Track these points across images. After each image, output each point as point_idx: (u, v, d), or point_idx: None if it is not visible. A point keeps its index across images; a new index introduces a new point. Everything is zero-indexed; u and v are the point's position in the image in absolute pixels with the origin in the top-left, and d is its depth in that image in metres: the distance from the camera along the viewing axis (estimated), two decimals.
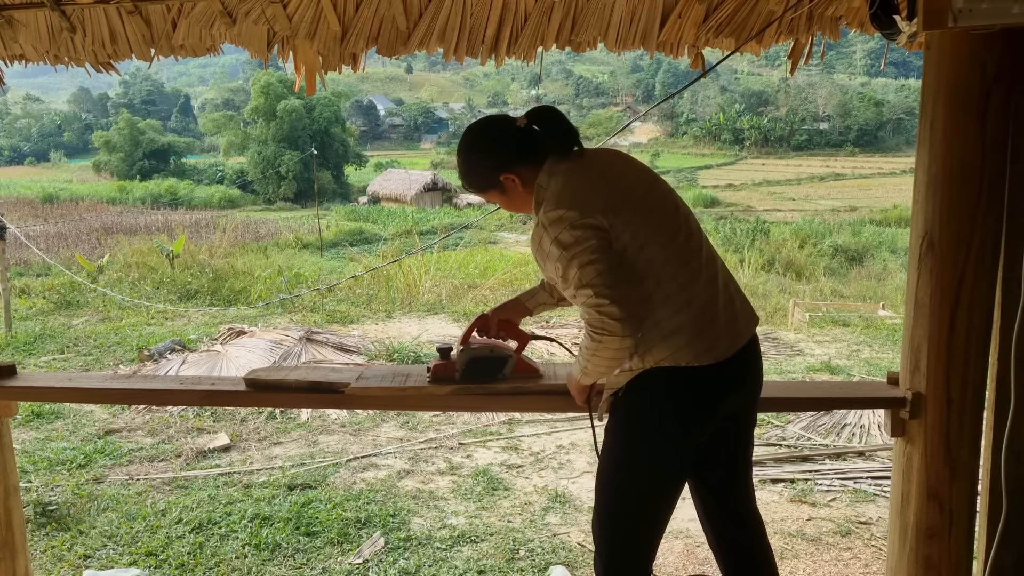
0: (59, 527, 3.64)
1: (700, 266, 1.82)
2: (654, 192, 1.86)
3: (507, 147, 1.89)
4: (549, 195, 1.82)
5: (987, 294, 1.93)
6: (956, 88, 1.87)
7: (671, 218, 1.83)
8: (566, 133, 1.87)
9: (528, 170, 1.88)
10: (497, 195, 1.95)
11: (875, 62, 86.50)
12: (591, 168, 1.86)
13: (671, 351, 1.77)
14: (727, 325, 1.83)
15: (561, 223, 1.74)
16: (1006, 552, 1.95)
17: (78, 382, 2.70)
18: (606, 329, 1.72)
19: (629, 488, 1.90)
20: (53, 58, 2.79)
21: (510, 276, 13.40)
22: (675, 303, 1.77)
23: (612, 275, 1.72)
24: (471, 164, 1.95)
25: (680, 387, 1.80)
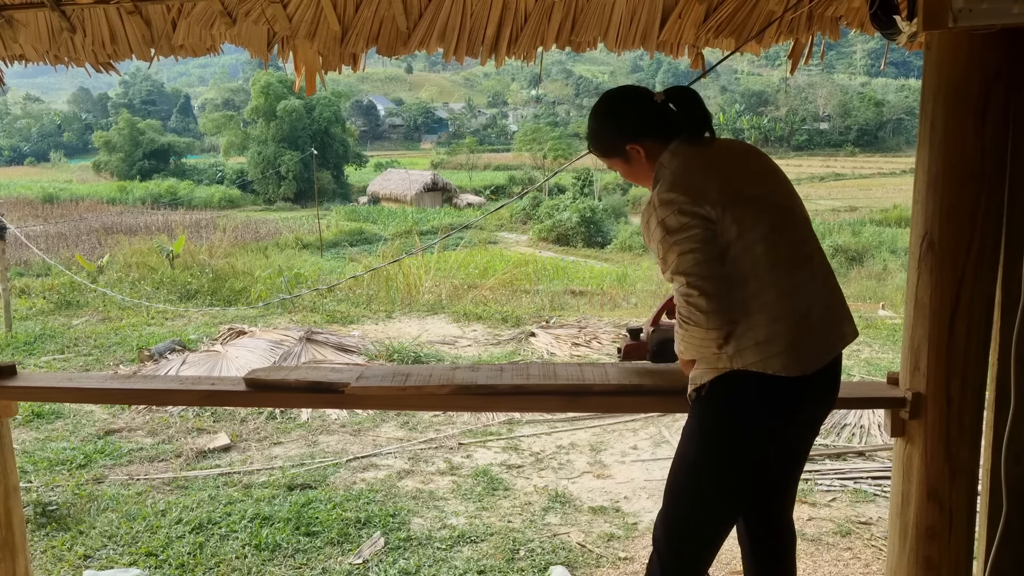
0: (59, 527, 3.64)
1: (806, 275, 1.81)
2: (774, 193, 1.85)
3: (640, 117, 1.89)
4: (667, 175, 1.81)
5: (987, 294, 1.93)
6: (956, 88, 1.87)
7: (785, 222, 1.82)
8: (701, 117, 1.87)
9: (655, 145, 1.87)
10: (620, 163, 1.96)
11: (875, 62, 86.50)
12: (715, 158, 1.85)
13: (762, 357, 1.76)
14: (821, 339, 1.82)
15: (671, 206, 1.74)
16: (1006, 552, 1.95)
17: (78, 382, 2.70)
18: (691, 319, 1.73)
19: (703, 493, 1.89)
20: (53, 58, 2.79)
21: (510, 276, 13.42)
22: (774, 311, 1.76)
23: (709, 267, 1.72)
24: (602, 127, 1.96)
25: (764, 393, 1.79)
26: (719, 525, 1.92)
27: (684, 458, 1.92)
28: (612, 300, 12.03)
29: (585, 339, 7.50)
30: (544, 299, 11.39)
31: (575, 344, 7.34)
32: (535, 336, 7.65)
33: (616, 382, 2.23)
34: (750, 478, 1.89)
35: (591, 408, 2.95)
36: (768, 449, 1.87)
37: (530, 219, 29.42)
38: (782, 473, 2.01)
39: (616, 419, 5.01)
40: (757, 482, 1.93)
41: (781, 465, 1.98)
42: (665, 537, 1.94)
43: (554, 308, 10.35)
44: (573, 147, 42.80)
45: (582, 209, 26.38)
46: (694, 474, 1.90)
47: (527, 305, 10.47)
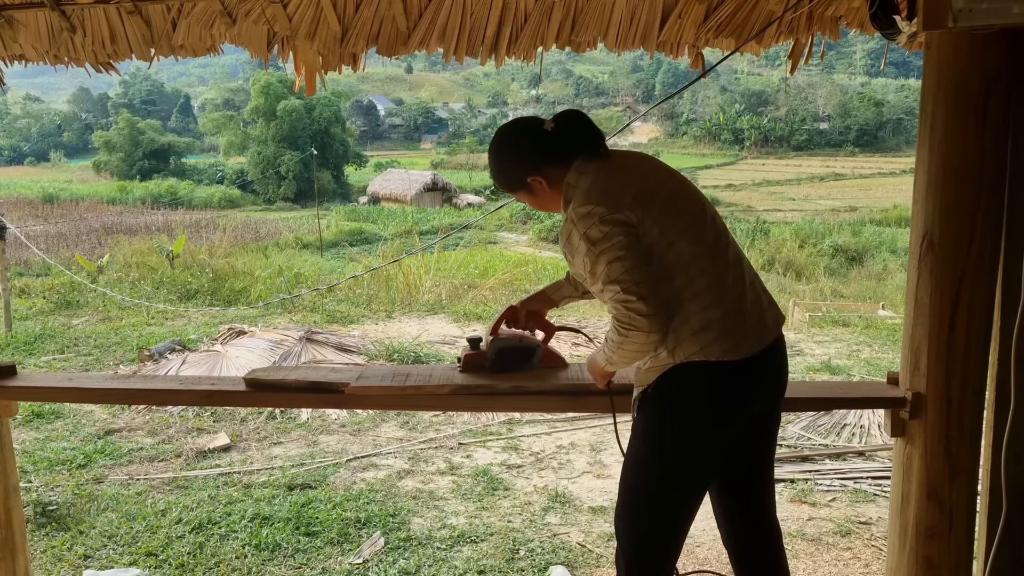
0: (59, 527, 3.64)
1: (728, 265, 1.84)
2: (682, 192, 1.88)
3: (535, 149, 1.92)
4: (578, 192, 1.84)
5: (987, 294, 1.93)
6: (956, 88, 1.87)
7: (698, 217, 1.85)
8: (593, 136, 1.91)
9: (555, 171, 1.91)
10: (525, 195, 2.00)
11: (875, 62, 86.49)
12: (620, 167, 1.89)
13: (700, 346, 1.78)
14: (755, 323, 1.84)
15: (590, 218, 1.77)
16: (1006, 552, 1.95)
17: (78, 382, 2.70)
18: (633, 325, 1.73)
19: (657, 485, 1.90)
20: (53, 58, 2.79)
21: (510, 276, 13.41)
22: (704, 299, 1.78)
23: (640, 271, 1.74)
24: (501, 165, 2.01)
25: (710, 381, 1.81)
26: (679, 518, 1.93)
27: (637, 456, 1.93)
28: None
29: (585, 339, 7.50)
30: None
31: (575, 344, 7.34)
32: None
33: (616, 382, 2.23)
34: (705, 468, 1.91)
35: (591, 408, 2.94)
36: (721, 437, 1.88)
37: (530, 219, 29.41)
38: (745, 464, 2.01)
39: None
40: (715, 472, 1.95)
41: (741, 454, 1.97)
42: (627, 533, 1.95)
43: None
44: None
45: None
46: (649, 470, 1.91)
47: None
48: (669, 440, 1.87)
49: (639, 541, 1.94)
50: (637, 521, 1.94)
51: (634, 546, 1.94)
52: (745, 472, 2.02)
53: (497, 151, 2.01)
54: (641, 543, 1.93)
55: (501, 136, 2.01)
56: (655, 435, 1.89)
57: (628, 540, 1.95)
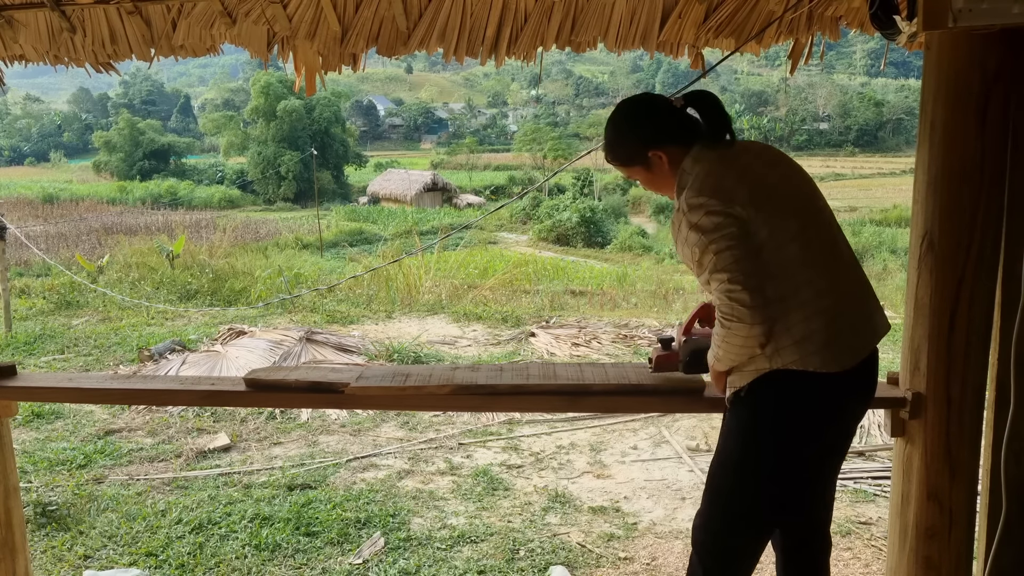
0: (59, 527, 3.64)
1: (839, 272, 1.81)
2: (800, 192, 1.84)
3: (661, 124, 1.88)
4: (692, 180, 1.81)
5: (987, 294, 1.93)
6: (956, 88, 1.87)
7: (813, 220, 1.81)
8: (721, 121, 1.87)
9: (677, 150, 1.87)
10: (641, 171, 1.94)
11: (875, 62, 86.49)
12: (739, 160, 1.84)
13: (800, 355, 1.75)
14: (857, 335, 1.82)
15: (701, 209, 1.74)
16: (1006, 552, 1.95)
17: (78, 382, 2.70)
18: (735, 315, 1.71)
19: (746, 493, 1.87)
20: (53, 58, 2.79)
21: (510, 276, 13.41)
22: (809, 309, 1.75)
23: (748, 263, 1.72)
24: (621, 136, 1.94)
25: (805, 391, 1.78)
26: (761, 527, 1.91)
27: (726, 459, 1.90)
28: (612, 300, 12.03)
29: (585, 339, 7.50)
30: (544, 299, 11.39)
31: (575, 344, 7.34)
32: (535, 336, 7.65)
33: (616, 382, 2.23)
34: (792, 477, 1.88)
35: (591, 408, 2.95)
36: (810, 448, 1.86)
37: (530, 219, 29.43)
38: (820, 472, 1.98)
39: (616, 419, 5.01)
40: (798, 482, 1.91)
41: (820, 464, 1.95)
42: (707, 539, 1.92)
43: (554, 308, 10.35)
44: (573, 147, 42.83)
45: (582, 209, 26.38)
46: (737, 475, 1.88)
47: (527, 305, 10.47)
48: (763, 447, 1.84)
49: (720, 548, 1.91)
50: (722, 528, 1.91)
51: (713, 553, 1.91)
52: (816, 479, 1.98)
53: (619, 121, 1.94)
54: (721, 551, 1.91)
55: (626, 105, 1.95)
56: (748, 441, 1.86)
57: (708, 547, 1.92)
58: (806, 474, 1.91)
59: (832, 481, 2.03)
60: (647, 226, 29.20)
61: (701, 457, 4.44)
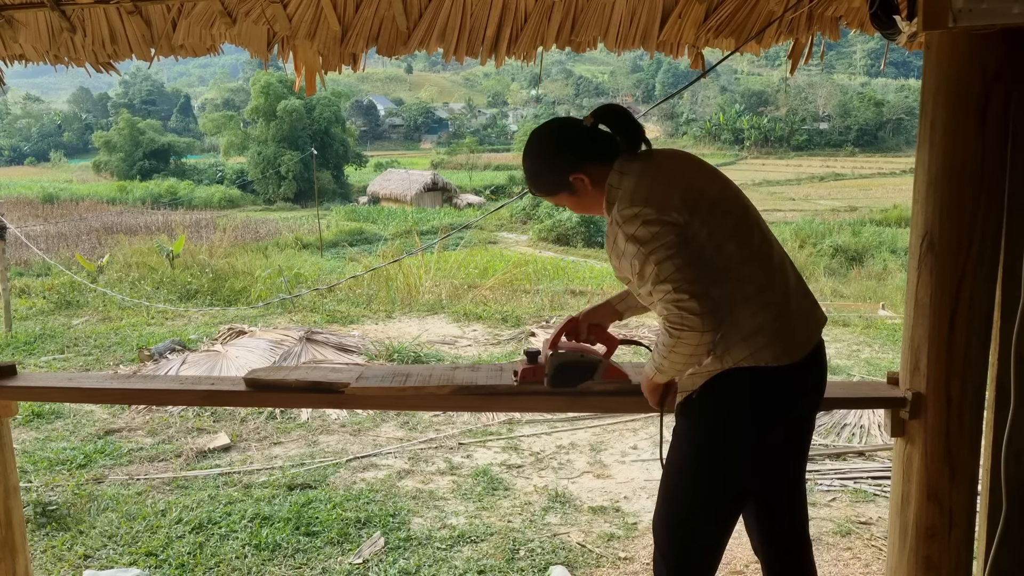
0: (59, 527, 3.64)
1: (774, 267, 1.82)
2: (727, 193, 1.85)
3: (576, 148, 1.87)
4: (622, 194, 1.79)
5: (987, 294, 1.93)
6: (956, 88, 1.87)
7: (744, 219, 1.82)
8: (634, 132, 1.86)
9: (598, 170, 1.85)
10: (567, 197, 1.93)
11: (875, 62, 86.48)
12: (663, 167, 1.84)
13: (751, 351, 1.75)
14: (801, 326, 1.82)
15: (637, 219, 1.73)
16: (1006, 552, 1.95)
17: (78, 382, 2.70)
18: (686, 324, 1.69)
19: (703, 493, 1.87)
20: (53, 58, 2.79)
21: (510, 276, 13.42)
22: (754, 303, 1.76)
23: (692, 270, 1.71)
24: (539, 167, 1.93)
25: (760, 388, 1.79)
26: (722, 524, 1.91)
27: (680, 460, 1.91)
28: None
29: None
30: (544, 299, 11.40)
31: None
32: (535, 336, 7.65)
33: (615, 382, 2.23)
34: (749, 474, 1.89)
35: (591, 408, 2.95)
36: (767, 443, 1.86)
37: (530, 219, 29.42)
38: (784, 468, 1.98)
39: (616, 419, 5.02)
40: (758, 478, 1.93)
41: (782, 459, 1.95)
42: (668, 539, 1.93)
43: (554, 308, 10.35)
44: None
45: None
46: (693, 474, 1.89)
47: (527, 305, 10.47)
48: (715, 446, 1.85)
49: (680, 548, 1.91)
50: (679, 527, 1.91)
51: (675, 553, 1.91)
52: (781, 478, 1.99)
53: (535, 152, 1.92)
54: (682, 550, 1.91)
55: (539, 136, 1.93)
56: (701, 440, 1.86)
57: (669, 546, 1.92)
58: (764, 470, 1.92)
59: (802, 479, 2.03)
60: None
61: None
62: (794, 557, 2.05)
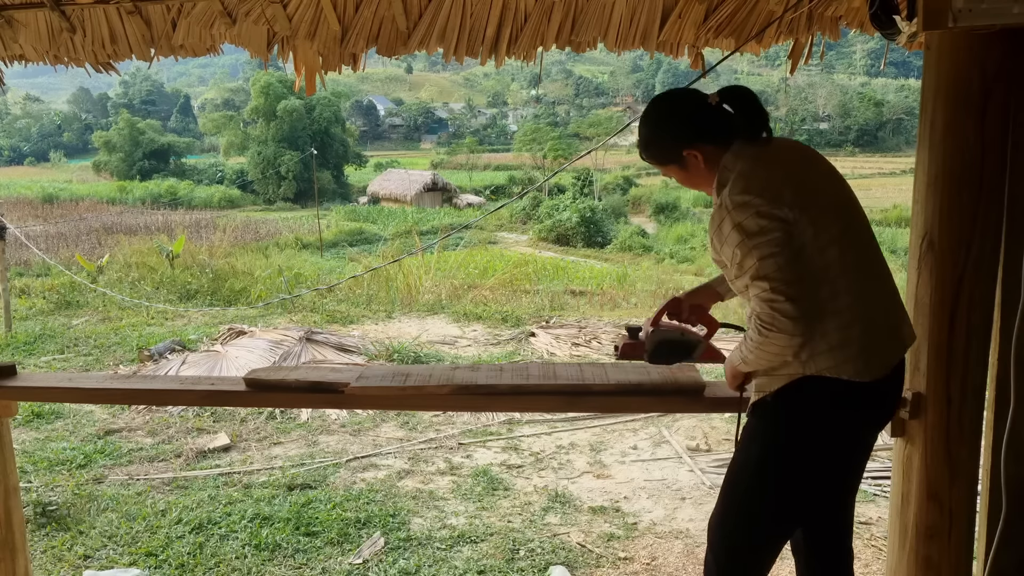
0: (59, 527, 3.64)
1: (874, 278, 1.78)
2: (840, 194, 1.81)
3: (696, 122, 1.83)
4: (735, 178, 1.75)
5: (987, 294, 1.93)
6: (956, 88, 1.87)
7: (853, 224, 1.78)
8: (758, 117, 1.82)
9: (713, 149, 1.82)
10: (676, 170, 1.90)
11: (875, 62, 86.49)
12: (779, 158, 1.81)
13: (836, 362, 1.72)
14: (889, 343, 1.79)
15: (748, 208, 1.69)
16: (1006, 552, 1.95)
17: (78, 382, 2.70)
18: (776, 326, 1.67)
19: (766, 498, 1.85)
20: (53, 58, 2.79)
21: (510, 276, 13.41)
22: (846, 316, 1.72)
23: (792, 271, 1.67)
24: (655, 135, 1.89)
25: (837, 399, 1.76)
26: (781, 530, 1.89)
27: (748, 462, 1.87)
28: (612, 300, 12.03)
29: (585, 339, 7.50)
30: (544, 299, 11.39)
31: (575, 344, 7.34)
32: (535, 336, 7.65)
33: (616, 382, 2.23)
34: (815, 484, 1.86)
35: (591, 408, 2.95)
36: (835, 456, 1.83)
37: (530, 219, 29.42)
38: (843, 481, 1.96)
39: (616, 419, 5.01)
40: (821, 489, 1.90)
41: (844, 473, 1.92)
42: (724, 539, 1.90)
43: (554, 308, 10.35)
44: (573, 147, 42.80)
45: (582, 209, 26.38)
46: (758, 478, 1.85)
47: (527, 305, 10.47)
48: (786, 451, 1.82)
49: (734, 550, 1.89)
50: (736, 529, 1.89)
51: (728, 555, 1.89)
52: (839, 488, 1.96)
53: (653, 119, 1.89)
54: (737, 553, 1.89)
55: (659, 103, 1.90)
56: (772, 444, 1.83)
57: (723, 548, 1.90)
58: (828, 482, 1.89)
59: (854, 492, 2.01)
60: (647, 226, 29.20)
61: (701, 457, 4.44)
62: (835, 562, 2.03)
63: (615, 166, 43.27)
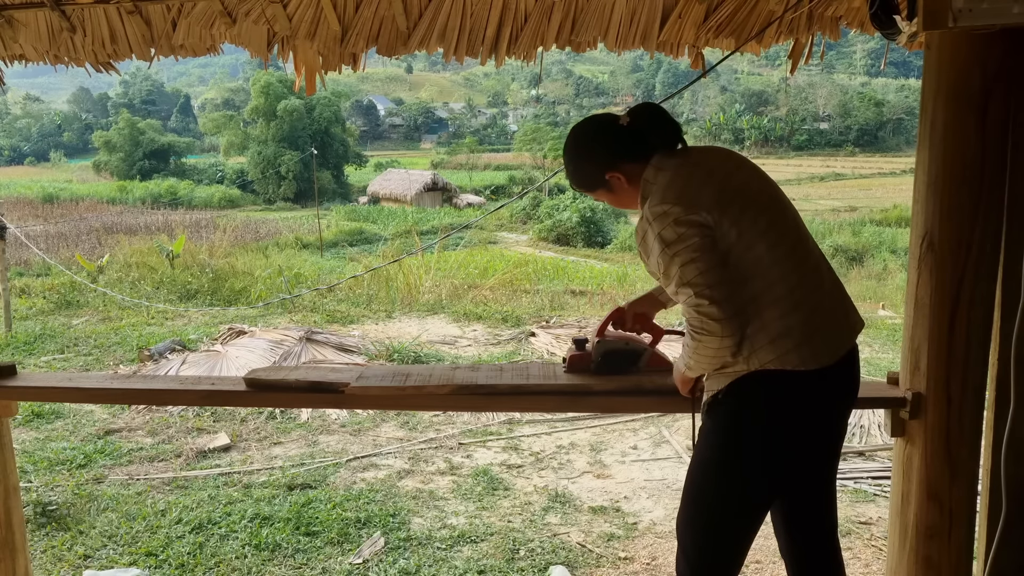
0: (59, 527, 3.64)
1: (809, 269, 1.80)
2: (764, 191, 1.84)
3: (612, 146, 1.89)
4: (655, 189, 1.80)
5: (987, 294, 1.93)
6: (956, 88, 1.87)
7: (780, 218, 1.81)
8: (671, 130, 1.87)
9: (634, 167, 1.87)
10: (604, 193, 1.97)
11: (875, 62, 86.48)
12: (700, 164, 1.84)
13: (778, 354, 1.74)
14: (834, 330, 1.81)
15: (665, 218, 1.73)
16: (1006, 552, 1.95)
17: (78, 382, 2.70)
18: (705, 329, 1.71)
19: (726, 494, 1.86)
20: (53, 58, 2.79)
21: (510, 276, 13.41)
22: (784, 305, 1.74)
23: (714, 274, 1.71)
24: (578, 165, 1.97)
25: (784, 391, 1.77)
26: (746, 525, 1.90)
27: (705, 462, 1.89)
28: (612, 300, 12.02)
29: None
30: (544, 299, 11.39)
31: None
32: (535, 336, 7.65)
33: (616, 382, 2.23)
34: (773, 477, 1.87)
35: (591, 408, 2.95)
36: (791, 446, 1.84)
37: (530, 219, 29.42)
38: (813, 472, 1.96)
39: (616, 419, 5.02)
40: (782, 481, 1.91)
41: (809, 463, 1.93)
42: (691, 538, 1.92)
43: (554, 308, 10.35)
44: None
45: (582, 209, 26.37)
46: (719, 476, 1.87)
47: (527, 305, 10.47)
48: (742, 449, 1.84)
49: (703, 547, 1.90)
50: (703, 529, 1.90)
51: (698, 553, 1.90)
52: (809, 481, 1.97)
53: (573, 150, 1.97)
54: (705, 550, 1.90)
55: (576, 135, 1.97)
56: (727, 443, 1.85)
57: (692, 546, 1.92)
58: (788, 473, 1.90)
59: (832, 483, 2.01)
60: None
61: None
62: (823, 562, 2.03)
63: None
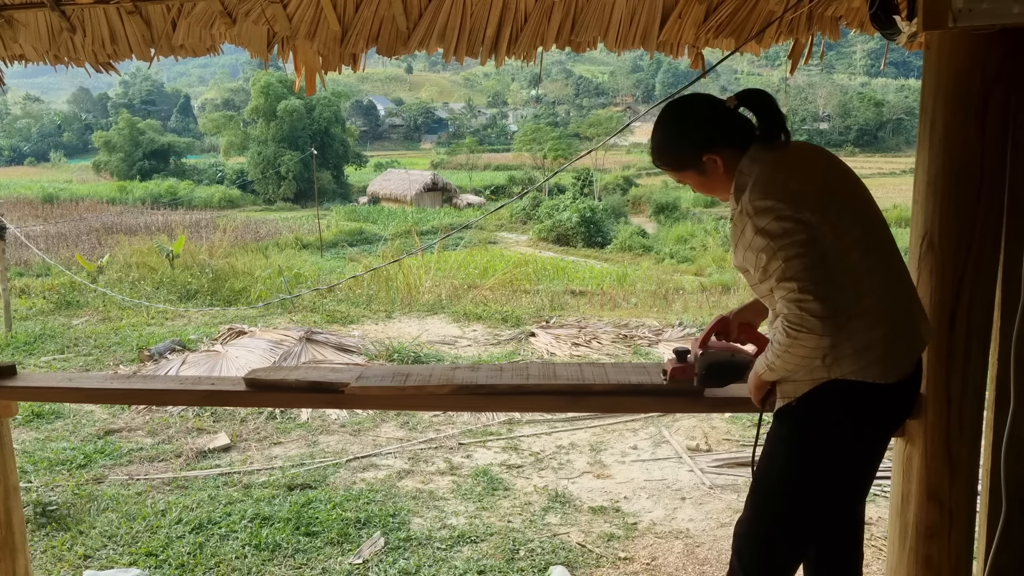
0: (59, 527, 3.64)
1: (895, 278, 1.78)
2: (857, 196, 1.80)
3: (716, 126, 1.81)
4: (754, 183, 1.74)
5: (987, 294, 1.93)
6: (956, 88, 1.87)
7: (872, 225, 1.78)
8: (776, 120, 1.80)
9: (732, 153, 1.80)
10: (694, 175, 1.87)
11: (875, 62, 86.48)
12: (797, 162, 1.79)
13: (860, 365, 1.71)
14: (911, 342, 1.79)
15: (770, 213, 1.68)
16: (1006, 552, 1.95)
17: (78, 382, 2.70)
18: (804, 326, 1.66)
19: (794, 503, 1.84)
20: (53, 58, 2.79)
21: (510, 276, 13.42)
22: (870, 317, 1.71)
23: (819, 271, 1.67)
24: (672, 140, 1.86)
25: (863, 404, 1.75)
26: (806, 534, 1.89)
27: (774, 467, 1.87)
28: (612, 300, 12.03)
29: (585, 339, 7.50)
30: (544, 299, 11.39)
31: (575, 344, 7.34)
32: (535, 336, 7.65)
33: (616, 382, 2.23)
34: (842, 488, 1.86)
35: (591, 408, 2.95)
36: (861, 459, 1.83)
37: (530, 219, 29.43)
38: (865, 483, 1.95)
39: (616, 419, 5.01)
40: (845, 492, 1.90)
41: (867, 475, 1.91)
42: (751, 546, 1.90)
43: (554, 308, 10.35)
44: (573, 147, 42.78)
45: (582, 209, 26.39)
46: (788, 483, 1.85)
47: (527, 305, 10.47)
48: (813, 457, 1.81)
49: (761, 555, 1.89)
50: (764, 534, 1.88)
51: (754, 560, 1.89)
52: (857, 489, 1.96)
53: (669, 123, 1.85)
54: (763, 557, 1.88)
55: (677, 108, 1.86)
56: (798, 450, 1.82)
57: (748, 553, 1.90)
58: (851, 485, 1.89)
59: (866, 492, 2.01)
60: (647, 226, 29.21)
61: (701, 457, 4.43)
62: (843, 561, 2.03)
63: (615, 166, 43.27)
